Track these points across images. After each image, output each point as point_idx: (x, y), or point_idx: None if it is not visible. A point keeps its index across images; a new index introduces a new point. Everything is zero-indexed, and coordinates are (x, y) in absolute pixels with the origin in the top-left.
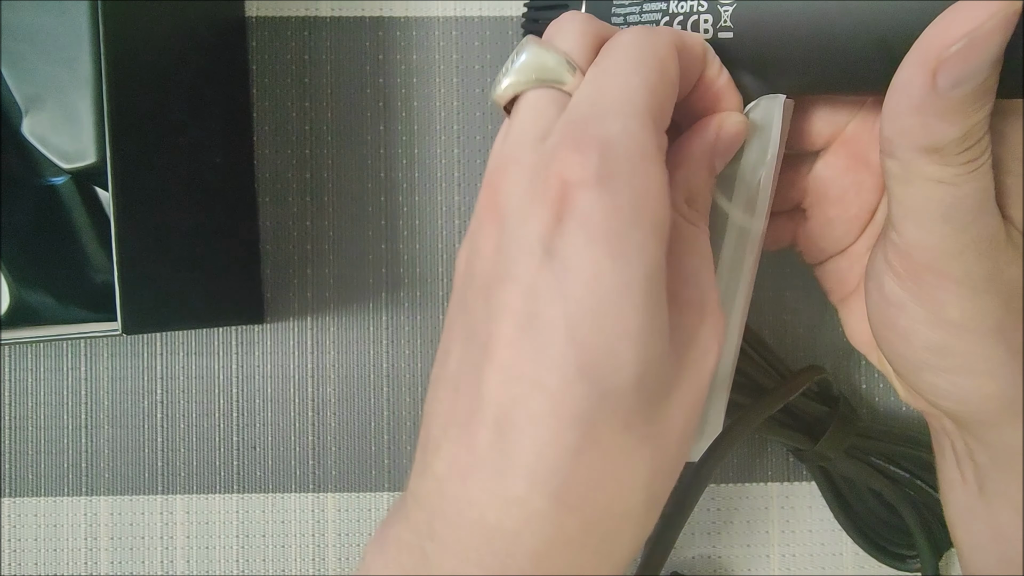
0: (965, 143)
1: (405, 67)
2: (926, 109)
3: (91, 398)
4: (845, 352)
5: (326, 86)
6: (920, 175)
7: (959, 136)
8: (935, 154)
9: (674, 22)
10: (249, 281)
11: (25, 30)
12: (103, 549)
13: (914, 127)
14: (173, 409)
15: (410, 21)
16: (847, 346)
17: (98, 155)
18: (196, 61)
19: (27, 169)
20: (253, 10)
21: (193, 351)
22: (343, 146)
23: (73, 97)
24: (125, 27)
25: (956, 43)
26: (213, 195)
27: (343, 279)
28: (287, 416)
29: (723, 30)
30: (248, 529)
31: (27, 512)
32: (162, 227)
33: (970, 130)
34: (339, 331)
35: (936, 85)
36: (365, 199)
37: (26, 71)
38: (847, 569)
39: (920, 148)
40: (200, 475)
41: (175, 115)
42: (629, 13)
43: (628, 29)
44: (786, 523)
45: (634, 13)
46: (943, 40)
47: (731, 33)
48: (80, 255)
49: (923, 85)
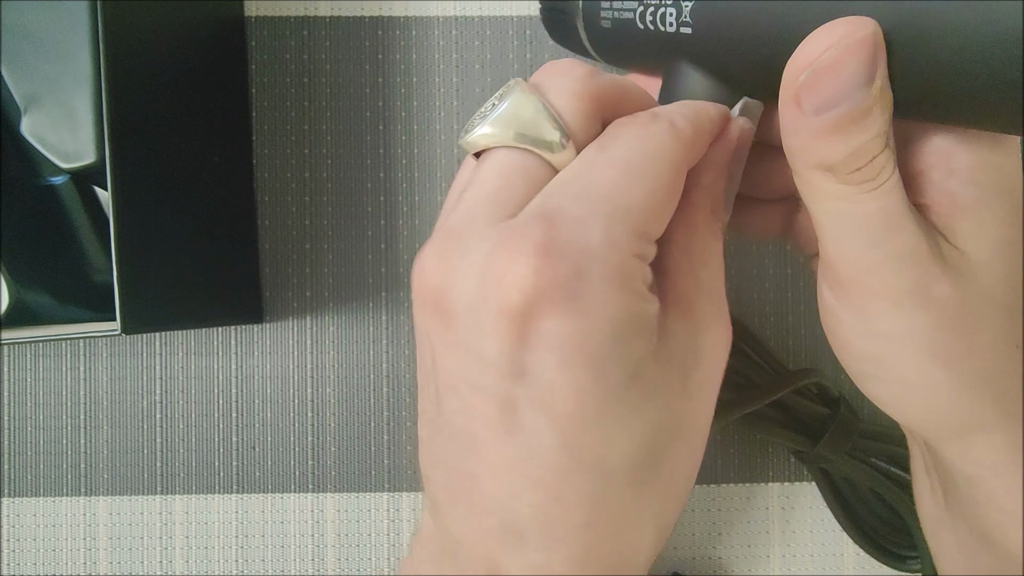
0: (855, 163)
1: (405, 67)
2: (801, 131)
3: (90, 398)
4: None
5: (325, 86)
6: (821, 192)
7: (845, 156)
8: (829, 172)
9: (646, 12)
10: (248, 281)
11: (24, 30)
12: (102, 549)
13: (799, 146)
14: (172, 409)
15: (410, 21)
16: None
17: (97, 155)
18: (195, 61)
19: (26, 169)
20: (252, 10)
21: (192, 351)
22: (342, 146)
23: (72, 97)
24: (124, 27)
25: (803, 72)
26: (212, 195)
27: (342, 279)
28: (286, 416)
29: (683, 25)
30: (247, 529)
31: (26, 512)
32: (161, 227)
33: (857, 151)
34: (338, 331)
35: (802, 110)
36: (365, 199)
37: (25, 71)
38: (848, 569)
39: (814, 165)
40: (199, 475)
41: (174, 115)
42: (613, 7)
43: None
44: (787, 523)
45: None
46: (797, 66)
47: (690, 29)
48: (79, 255)
49: (791, 108)
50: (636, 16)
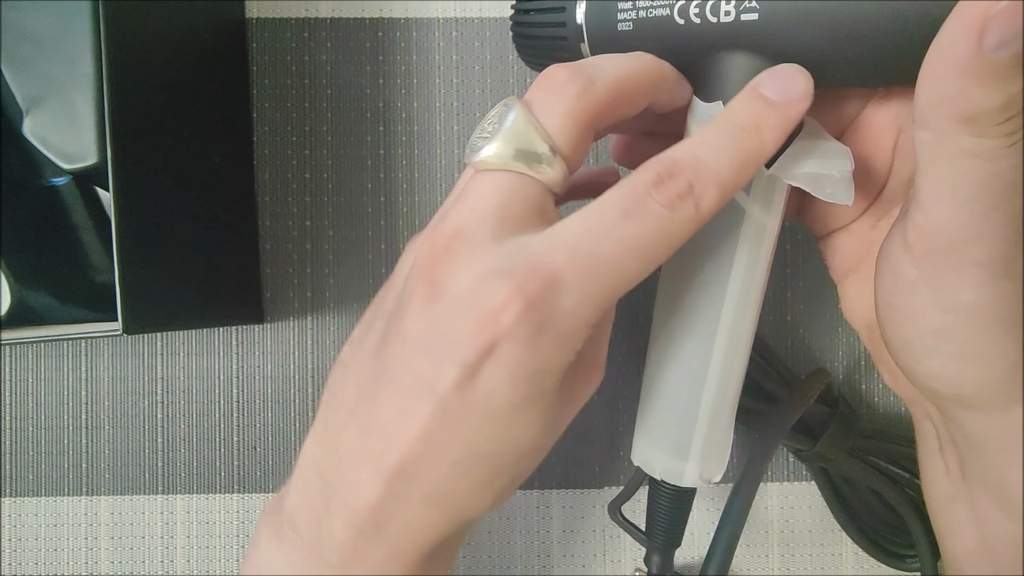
0: (1004, 113)
1: (405, 68)
2: (968, 72)
3: (92, 398)
4: (845, 353)
5: (326, 87)
6: (955, 147)
7: (999, 104)
8: (972, 123)
9: (690, 6)
10: (249, 281)
11: (26, 31)
12: (103, 549)
13: (953, 93)
14: (174, 409)
15: (410, 22)
16: (848, 347)
17: (99, 156)
18: (196, 62)
19: (28, 170)
20: (253, 11)
21: (193, 351)
22: (343, 147)
23: (74, 98)
24: (126, 28)
25: (995, 5)
26: (213, 195)
27: (343, 279)
28: (287, 416)
29: (747, 11)
30: (248, 529)
31: (28, 512)
32: (163, 227)
33: (1010, 99)
34: (339, 331)
35: (982, 45)
36: (365, 199)
37: (27, 71)
38: (847, 569)
39: (957, 116)
40: (200, 475)
41: (176, 116)
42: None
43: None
44: (786, 523)
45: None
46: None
47: (756, 15)
48: (81, 255)
49: (968, 45)
50: (674, 11)
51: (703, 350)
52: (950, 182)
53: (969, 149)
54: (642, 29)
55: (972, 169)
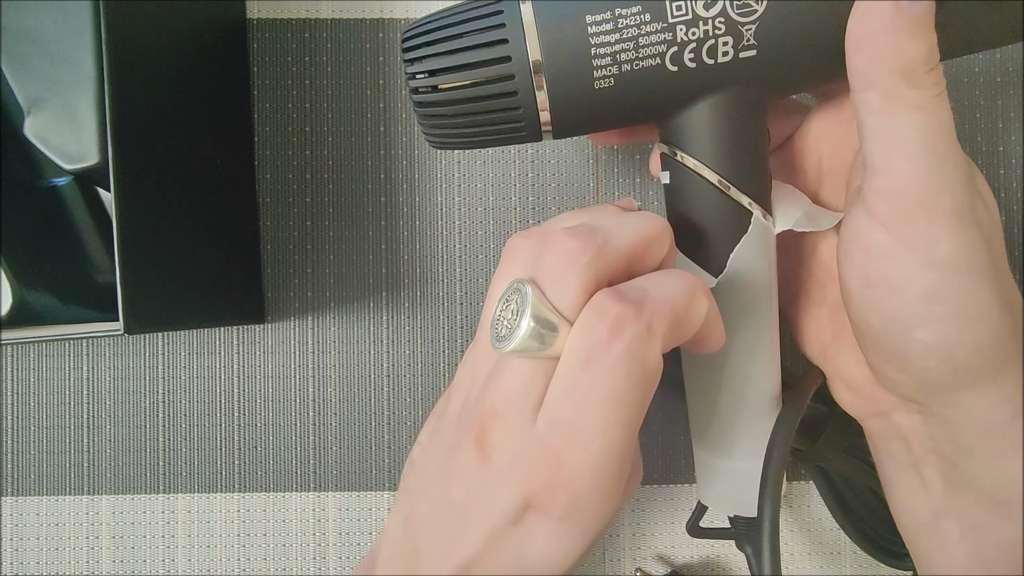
0: (928, 63)
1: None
2: (895, 28)
3: (93, 398)
4: None
5: (327, 88)
6: (901, 102)
7: (926, 53)
8: (910, 76)
9: (684, 51)
10: (250, 281)
11: (27, 31)
12: (104, 548)
13: (889, 49)
14: (175, 408)
15: (410, 23)
16: None
17: (100, 156)
18: (198, 63)
19: (29, 170)
20: (254, 12)
21: (194, 351)
22: (343, 147)
23: (75, 98)
24: (127, 29)
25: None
26: (214, 196)
27: (344, 279)
28: (288, 415)
29: (745, 49)
30: (249, 528)
31: (29, 511)
32: (164, 227)
33: (931, 49)
34: (340, 331)
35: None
36: (365, 199)
37: (28, 72)
38: (846, 568)
39: (897, 71)
40: (201, 474)
41: (177, 116)
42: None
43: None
44: (785, 522)
45: (627, 49)
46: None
47: (754, 51)
48: (82, 255)
49: (890, 5)
50: (666, 60)
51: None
52: (904, 135)
53: (913, 101)
54: (627, 84)
55: (920, 120)
